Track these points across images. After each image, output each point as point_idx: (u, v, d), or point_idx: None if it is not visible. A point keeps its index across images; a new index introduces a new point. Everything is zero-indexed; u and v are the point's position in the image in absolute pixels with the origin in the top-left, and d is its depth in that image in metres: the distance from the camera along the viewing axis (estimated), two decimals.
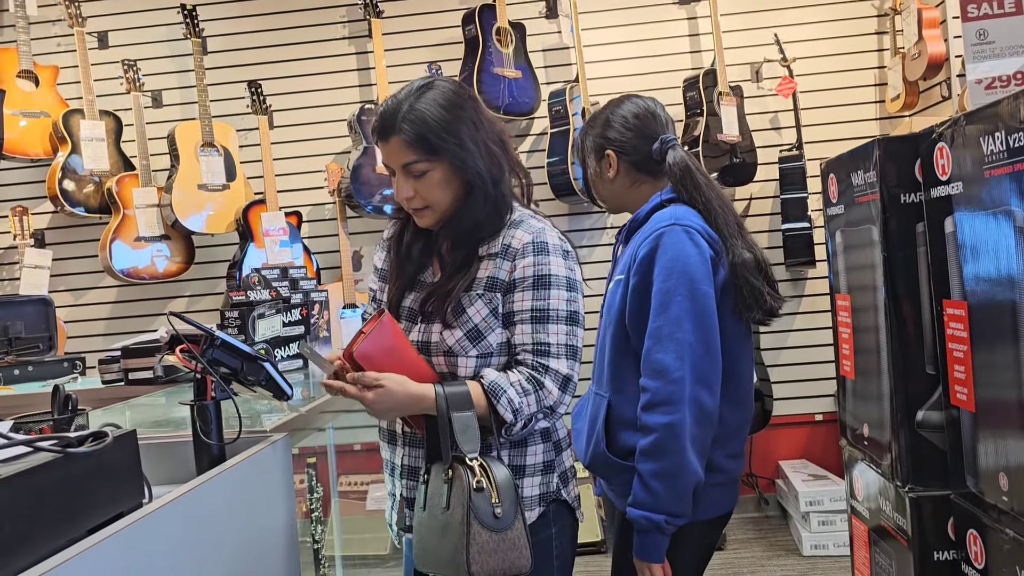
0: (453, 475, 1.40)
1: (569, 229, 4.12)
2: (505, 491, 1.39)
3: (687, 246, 1.62)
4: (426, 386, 1.44)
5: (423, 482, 1.46)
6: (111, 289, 4.18)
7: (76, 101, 3.96)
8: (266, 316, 2.50)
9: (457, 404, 1.42)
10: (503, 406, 1.43)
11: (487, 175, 1.50)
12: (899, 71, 3.83)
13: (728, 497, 1.74)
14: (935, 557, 1.73)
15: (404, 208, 1.56)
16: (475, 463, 1.39)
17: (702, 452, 1.60)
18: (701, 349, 1.58)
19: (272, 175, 3.96)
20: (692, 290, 1.59)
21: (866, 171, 1.87)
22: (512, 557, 1.38)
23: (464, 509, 1.36)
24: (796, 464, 4.02)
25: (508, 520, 1.38)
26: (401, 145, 1.47)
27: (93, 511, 0.99)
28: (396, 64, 4.07)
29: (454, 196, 1.51)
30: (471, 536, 1.35)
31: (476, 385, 1.45)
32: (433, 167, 1.48)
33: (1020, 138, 1.35)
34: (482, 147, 1.50)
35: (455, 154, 1.48)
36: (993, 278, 1.47)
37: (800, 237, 3.95)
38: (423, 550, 1.44)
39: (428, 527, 1.43)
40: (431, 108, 1.47)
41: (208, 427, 1.38)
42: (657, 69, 4.12)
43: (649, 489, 1.58)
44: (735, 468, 1.73)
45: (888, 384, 1.83)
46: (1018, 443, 1.42)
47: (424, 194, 1.50)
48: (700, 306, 1.59)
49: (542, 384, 1.46)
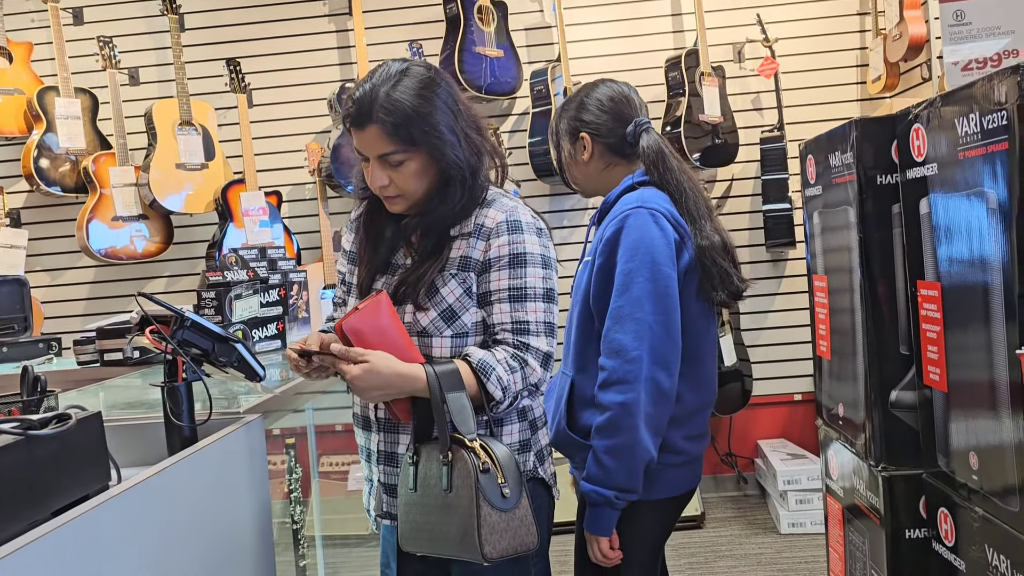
0: (454, 457, 1.38)
1: (550, 210, 4.11)
2: (509, 470, 1.39)
3: (651, 228, 1.64)
4: (415, 366, 1.42)
5: (411, 464, 1.45)
6: (89, 269, 4.14)
7: (51, 78, 3.90)
8: (243, 297, 2.48)
9: (450, 385, 1.40)
10: (493, 384, 1.43)
11: (466, 165, 1.48)
12: (880, 52, 3.83)
13: (688, 477, 1.77)
14: (907, 535, 1.75)
15: (376, 194, 1.53)
16: (476, 443, 1.39)
17: (657, 431, 1.63)
18: (660, 330, 1.61)
19: (251, 154, 3.92)
20: (654, 272, 1.62)
21: (843, 152, 1.87)
22: (521, 534, 1.38)
23: (472, 491, 1.35)
24: (775, 443, 4.05)
25: (515, 499, 1.38)
26: (377, 135, 1.44)
27: (56, 493, 0.98)
28: (377, 42, 4.02)
29: (429, 185, 1.49)
30: (482, 518, 1.34)
31: (464, 364, 1.44)
32: (410, 157, 1.45)
33: (994, 120, 1.35)
34: (461, 136, 1.48)
35: (434, 144, 1.45)
36: (966, 260, 1.48)
37: (781, 218, 3.95)
38: (415, 530, 1.43)
39: (424, 508, 1.42)
40: (409, 97, 1.44)
41: (179, 408, 1.37)
42: (639, 49, 4.10)
43: (601, 464, 1.62)
44: (695, 449, 1.76)
45: (863, 364, 1.84)
46: (988, 423, 1.43)
47: (399, 183, 1.48)
48: (661, 288, 1.62)
49: (526, 362, 1.47)
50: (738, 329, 3.99)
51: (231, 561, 1.40)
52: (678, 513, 1.81)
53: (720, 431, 4.12)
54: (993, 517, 1.43)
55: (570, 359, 1.78)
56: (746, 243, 4.07)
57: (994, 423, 1.41)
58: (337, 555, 3.32)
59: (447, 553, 1.41)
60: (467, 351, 1.47)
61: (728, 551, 3.48)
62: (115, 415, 1.61)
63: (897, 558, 1.76)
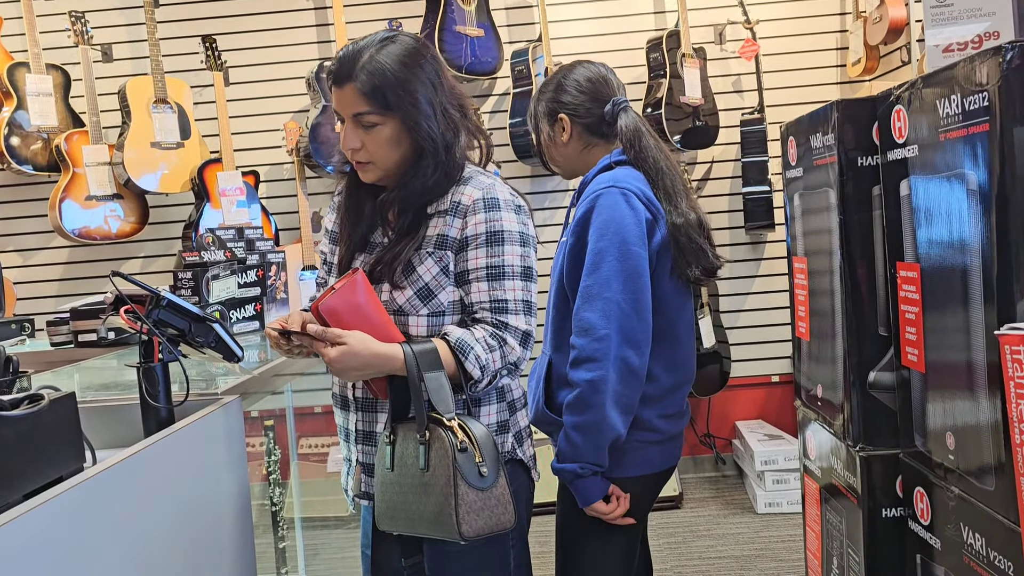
0: (431, 436, 1.38)
1: (531, 191, 4.09)
2: (487, 449, 1.39)
3: (622, 208, 1.65)
4: (393, 346, 1.41)
5: (388, 443, 1.44)
6: (62, 250, 4.08)
7: (21, 54, 3.81)
8: (220, 277, 2.45)
9: (427, 364, 1.40)
10: (471, 363, 1.42)
11: (440, 140, 1.47)
12: (860, 35, 3.83)
13: (664, 455, 1.79)
14: (883, 514, 1.77)
15: (348, 160, 1.52)
16: (454, 423, 1.38)
17: (626, 409, 1.65)
18: (629, 308, 1.62)
19: (228, 133, 3.86)
20: (623, 251, 1.63)
21: (825, 134, 1.87)
22: (498, 514, 1.38)
23: (450, 470, 1.35)
24: (752, 424, 4.09)
25: (492, 478, 1.38)
26: (355, 94, 1.44)
27: (29, 476, 0.96)
28: (356, 20, 3.97)
29: (401, 156, 1.48)
30: (459, 497, 1.34)
31: (442, 343, 1.43)
32: (384, 122, 1.45)
33: (975, 101, 1.35)
34: (438, 110, 1.47)
35: (409, 113, 1.44)
36: (945, 241, 1.48)
37: (760, 201, 3.96)
38: (392, 509, 1.43)
39: (400, 487, 1.42)
40: (391, 62, 1.44)
41: (155, 389, 1.35)
42: (621, 30, 4.08)
43: (570, 440, 1.65)
44: (671, 428, 1.78)
45: (842, 346, 1.85)
46: (965, 403, 1.44)
47: (371, 148, 1.47)
48: (631, 267, 1.63)
49: (505, 340, 1.46)
50: (717, 311, 4.01)
51: (210, 544, 1.39)
52: (656, 491, 1.83)
53: (699, 412, 4.14)
54: (968, 496, 1.45)
55: (548, 338, 1.80)
56: (726, 225, 4.08)
57: (971, 404, 1.42)
58: (317, 537, 3.32)
59: (423, 532, 1.41)
60: (445, 330, 1.46)
61: (706, 531, 3.51)
62: (90, 396, 1.59)
63: (873, 537, 1.78)
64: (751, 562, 3.19)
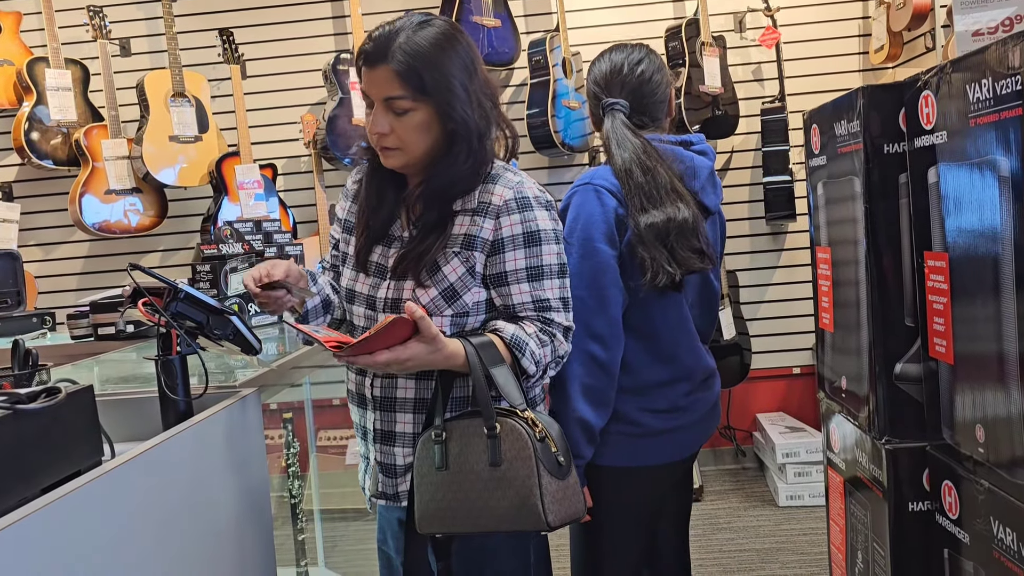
0: (502, 429, 1.35)
1: (549, 182, 4.07)
2: (560, 439, 1.39)
3: (591, 205, 1.67)
4: (454, 341, 1.37)
5: (438, 441, 1.39)
6: (83, 244, 4.10)
7: (40, 49, 3.83)
8: (239, 270, 2.45)
9: (490, 359, 1.38)
10: (527, 359, 1.41)
11: (474, 128, 1.43)
12: (883, 21, 3.77)
13: (654, 451, 1.75)
14: (910, 508, 1.74)
15: (372, 145, 1.48)
16: (528, 414, 1.37)
17: (599, 401, 1.65)
18: (593, 304, 1.64)
19: (246, 126, 3.86)
20: (587, 249, 1.65)
21: (849, 121, 1.84)
22: (575, 502, 1.38)
23: (532, 461, 1.33)
24: (773, 416, 4.05)
25: (568, 466, 1.38)
26: (390, 75, 1.39)
27: (47, 469, 0.96)
28: (372, 12, 3.95)
29: (431, 144, 1.44)
30: (543, 487, 1.33)
31: (496, 339, 1.41)
32: (418, 107, 1.40)
33: (1008, 85, 1.31)
34: (473, 98, 1.43)
35: (444, 97, 1.40)
36: (975, 230, 1.45)
37: (781, 190, 3.92)
38: (444, 510, 1.38)
39: (459, 485, 1.37)
40: (428, 44, 1.39)
41: (173, 382, 1.34)
42: (639, 18, 4.04)
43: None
44: (656, 423, 1.74)
45: (867, 337, 1.82)
46: (995, 395, 1.41)
47: (401, 134, 1.42)
48: (594, 264, 1.65)
49: (554, 335, 1.46)
50: (737, 303, 3.97)
51: (229, 536, 1.39)
52: (647, 486, 1.79)
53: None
54: (999, 489, 1.41)
55: None
56: (746, 216, 4.03)
57: (1002, 395, 1.39)
58: (336, 528, 3.33)
59: (490, 527, 1.36)
60: (495, 325, 1.44)
61: (727, 523, 3.49)
62: (109, 389, 1.59)
63: (900, 531, 1.75)
64: (772, 555, 3.16)
